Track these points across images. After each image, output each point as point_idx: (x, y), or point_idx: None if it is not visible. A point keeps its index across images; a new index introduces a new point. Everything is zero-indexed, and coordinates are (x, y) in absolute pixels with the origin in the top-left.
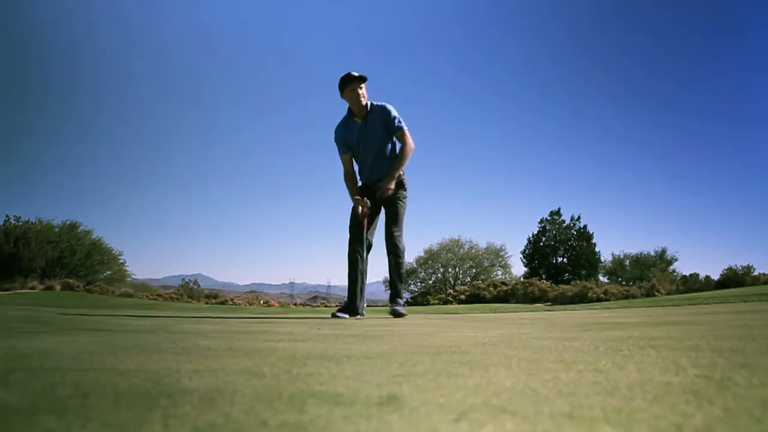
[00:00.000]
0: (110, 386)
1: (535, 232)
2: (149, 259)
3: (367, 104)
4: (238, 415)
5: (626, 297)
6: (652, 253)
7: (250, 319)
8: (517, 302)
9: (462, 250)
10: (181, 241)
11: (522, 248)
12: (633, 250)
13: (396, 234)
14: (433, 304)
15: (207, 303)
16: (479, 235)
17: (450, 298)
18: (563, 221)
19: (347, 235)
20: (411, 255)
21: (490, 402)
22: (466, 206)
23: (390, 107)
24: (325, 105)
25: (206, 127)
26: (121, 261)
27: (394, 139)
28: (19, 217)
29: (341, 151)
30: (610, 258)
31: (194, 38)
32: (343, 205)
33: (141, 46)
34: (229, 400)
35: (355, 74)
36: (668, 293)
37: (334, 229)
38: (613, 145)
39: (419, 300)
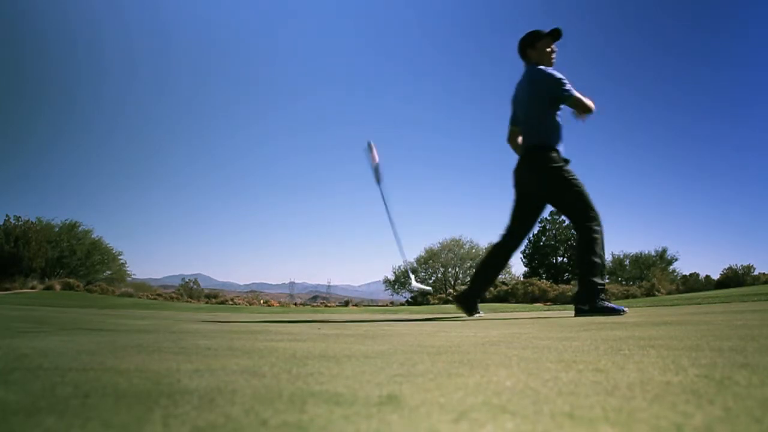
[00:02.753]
0: (110, 386)
1: (535, 232)
2: (149, 259)
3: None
4: (238, 415)
5: (626, 297)
6: (652, 253)
7: (250, 319)
8: (517, 302)
9: (462, 249)
10: (181, 241)
11: (522, 248)
12: (633, 249)
13: None
14: (434, 304)
15: (207, 303)
16: (480, 235)
17: (450, 298)
18: (563, 221)
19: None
20: (411, 254)
21: (490, 402)
22: (467, 206)
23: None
24: (324, 104)
25: (206, 127)
26: (121, 261)
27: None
28: (19, 217)
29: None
30: (609, 258)
31: (193, 37)
32: (340, 204)
33: (141, 45)
34: (229, 399)
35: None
36: (668, 293)
37: (334, 228)
38: (613, 144)
39: (419, 300)
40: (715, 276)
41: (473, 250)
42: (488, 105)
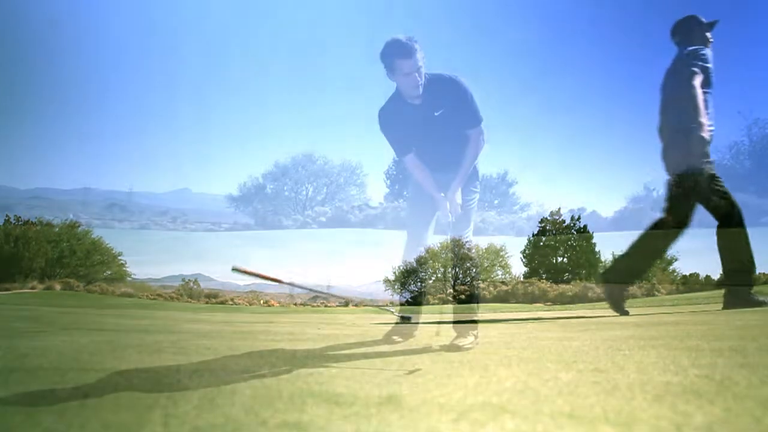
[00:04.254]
0: (110, 386)
1: (535, 232)
2: (149, 259)
3: None
4: (238, 414)
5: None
6: None
7: (250, 320)
8: (517, 302)
9: (462, 250)
10: (182, 241)
11: (522, 248)
12: None
13: None
14: (434, 304)
15: (207, 303)
16: (479, 235)
17: (450, 298)
18: (563, 221)
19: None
20: (411, 255)
21: (490, 401)
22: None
23: None
24: (324, 103)
25: (206, 126)
26: (120, 261)
27: None
28: (19, 217)
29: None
30: (610, 258)
31: (195, 34)
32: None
33: (140, 43)
34: (229, 399)
35: None
36: (668, 293)
37: (334, 228)
38: (614, 142)
39: (419, 300)
40: (715, 276)
41: (473, 251)
42: (487, 102)
